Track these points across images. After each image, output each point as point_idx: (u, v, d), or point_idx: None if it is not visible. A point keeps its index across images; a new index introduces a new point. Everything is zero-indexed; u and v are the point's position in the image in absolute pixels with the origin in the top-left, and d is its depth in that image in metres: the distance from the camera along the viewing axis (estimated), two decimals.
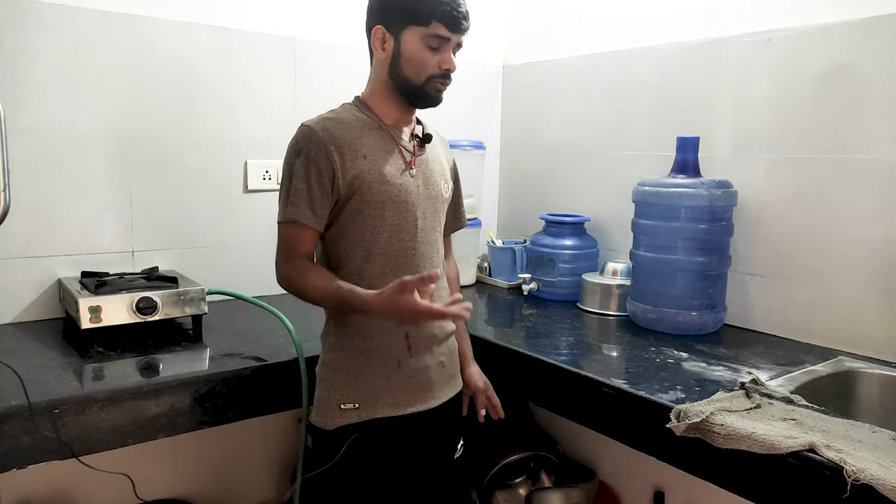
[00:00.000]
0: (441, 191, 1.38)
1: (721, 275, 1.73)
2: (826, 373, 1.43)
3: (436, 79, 1.28)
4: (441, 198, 1.38)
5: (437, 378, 1.37)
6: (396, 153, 1.31)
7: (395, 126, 1.34)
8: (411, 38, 1.26)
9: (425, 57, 1.26)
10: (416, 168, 1.33)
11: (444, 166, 1.42)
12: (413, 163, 1.33)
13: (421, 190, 1.33)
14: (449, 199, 1.42)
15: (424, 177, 1.34)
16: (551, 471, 2.00)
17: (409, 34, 1.26)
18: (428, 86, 1.28)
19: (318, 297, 1.25)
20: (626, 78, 2.06)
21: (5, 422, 1.14)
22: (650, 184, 1.76)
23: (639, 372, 1.41)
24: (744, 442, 1.08)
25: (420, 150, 1.36)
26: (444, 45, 1.26)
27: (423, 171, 1.35)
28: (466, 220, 1.58)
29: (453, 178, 1.49)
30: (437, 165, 1.39)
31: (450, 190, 1.42)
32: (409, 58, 1.27)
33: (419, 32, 1.25)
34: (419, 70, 1.27)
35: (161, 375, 1.35)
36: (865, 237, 1.55)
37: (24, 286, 1.68)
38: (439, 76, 1.27)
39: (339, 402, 1.30)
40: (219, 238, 1.95)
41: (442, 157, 1.43)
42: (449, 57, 1.27)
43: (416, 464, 1.37)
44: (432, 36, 1.25)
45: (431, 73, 1.27)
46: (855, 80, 1.55)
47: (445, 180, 1.40)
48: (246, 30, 1.92)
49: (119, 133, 1.76)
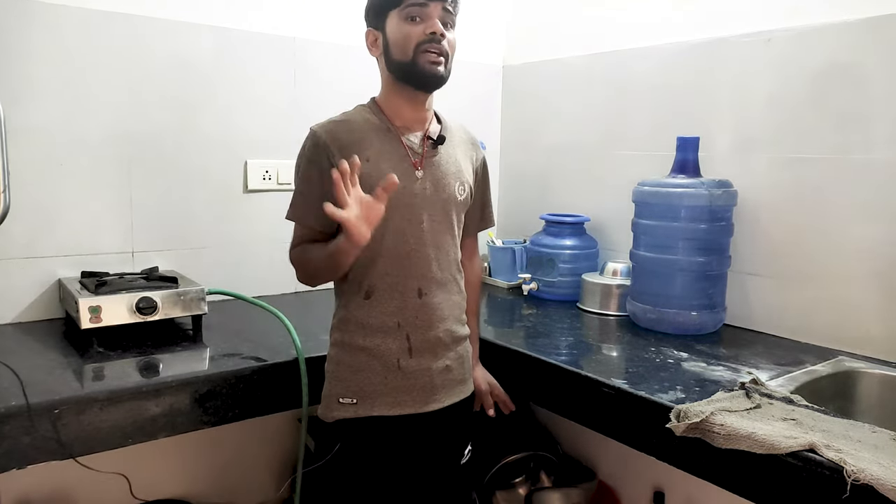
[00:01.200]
0: (454, 192, 1.36)
1: (721, 275, 1.73)
2: (826, 373, 1.43)
3: (423, 46, 1.25)
4: (453, 199, 1.36)
5: (441, 382, 1.36)
6: (402, 155, 1.31)
7: (406, 127, 1.33)
8: (392, 22, 1.27)
9: (407, 30, 1.25)
10: (424, 170, 1.32)
11: (461, 167, 1.39)
12: (419, 164, 1.32)
13: (428, 192, 1.32)
14: (465, 200, 1.39)
15: (434, 178, 1.33)
16: (551, 471, 1.99)
17: (390, 21, 1.27)
18: (419, 59, 1.25)
19: (321, 255, 1.26)
20: (626, 78, 2.06)
21: (5, 422, 1.14)
22: (650, 184, 1.76)
23: (639, 372, 1.41)
24: (744, 442, 1.08)
25: (432, 151, 1.34)
26: (425, 13, 1.25)
27: (433, 172, 1.33)
28: (494, 220, 1.56)
29: (480, 178, 1.47)
30: (451, 167, 1.36)
31: (466, 191, 1.39)
32: (394, 40, 1.27)
33: (397, 13, 1.26)
34: (405, 45, 1.26)
35: (161, 375, 1.35)
36: (865, 237, 1.55)
37: (24, 286, 1.68)
38: (426, 41, 1.25)
39: (338, 396, 1.32)
40: (219, 238, 1.95)
41: (461, 157, 1.40)
42: (433, 22, 1.25)
43: (415, 465, 1.37)
44: (408, 7, 1.24)
45: (418, 41, 1.25)
46: (855, 80, 1.55)
47: (461, 182, 1.37)
48: (246, 30, 1.92)
49: (119, 133, 1.76)
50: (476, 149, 1.47)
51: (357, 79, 2.03)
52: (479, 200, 1.48)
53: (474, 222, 1.49)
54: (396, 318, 1.31)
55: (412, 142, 1.33)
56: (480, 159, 1.47)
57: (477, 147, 1.47)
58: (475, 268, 1.56)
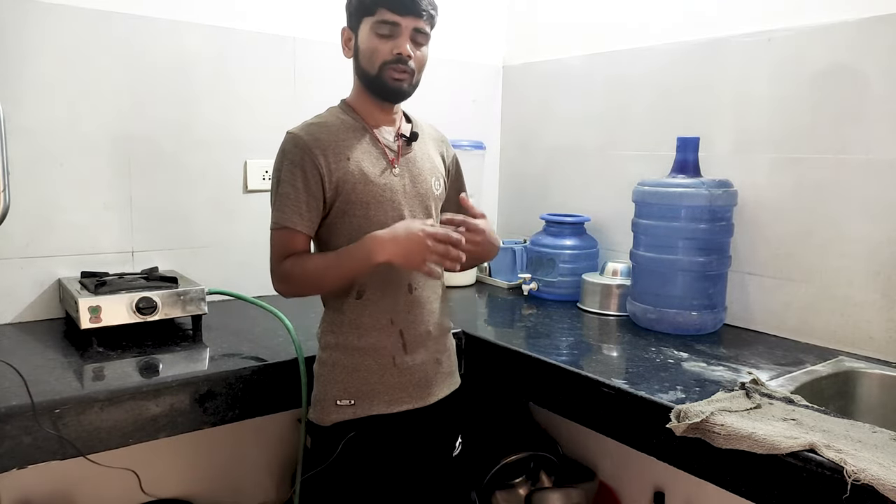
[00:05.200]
0: (431, 188, 1.38)
1: (721, 275, 1.73)
2: (826, 373, 1.43)
3: (389, 65, 1.26)
4: (431, 195, 1.38)
5: (434, 375, 1.37)
6: (379, 153, 1.32)
7: (378, 126, 1.35)
8: (364, 30, 1.28)
9: (375, 44, 1.26)
10: (401, 167, 1.34)
11: (434, 163, 1.41)
12: (396, 161, 1.34)
13: (408, 188, 1.34)
14: (442, 195, 1.42)
15: (411, 175, 1.35)
16: (551, 471, 2.00)
17: (363, 27, 1.28)
18: (383, 75, 1.27)
19: (320, 270, 1.26)
20: (626, 78, 2.06)
21: (6, 421, 1.14)
22: (650, 184, 1.76)
23: (639, 372, 1.41)
24: (744, 442, 1.08)
25: (406, 148, 1.36)
26: (397, 31, 1.25)
27: (410, 169, 1.35)
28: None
29: (454, 174, 1.49)
30: (426, 163, 1.39)
31: (442, 186, 1.42)
32: (363, 50, 1.28)
33: (369, 22, 1.26)
34: (372, 58, 1.27)
35: (161, 375, 1.35)
36: (865, 237, 1.55)
37: (24, 286, 1.68)
38: (392, 62, 1.26)
39: (335, 399, 1.31)
40: (219, 238, 1.95)
41: (434, 154, 1.43)
42: (401, 42, 1.25)
43: (413, 461, 1.38)
44: (381, 22, 1.25)
45: (384, 60, 1.26)
46: (855, 80, 1.55)
47: (437, 177, 1.40)
48: (246, 30, 1.92)
49: (119, 133, 1.76)
50: (446, 145, 1.49)
51: None
52: (455, 195, 1.48)
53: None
54: (389, 315, 1.32)
55: (387, 140, 1.35)
56: (451, 156, 1.49)
57: (447, 144, 1.50)
58: None
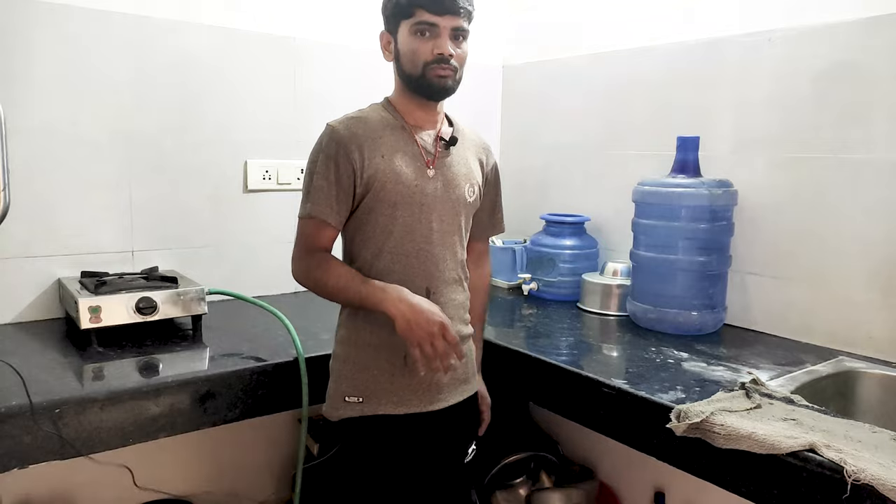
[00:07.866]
0: (464, 194, 1.36)
1: (721, 275, 1.73)
2: (826, 373, 1.43)
3: (432, 65, 1.27)
4: (463, 201, 1.36)
5: (446, 381, 1.36)
6: (415, 154, 1.32)
7: (418, 126, 1.34)
8: (403, 33, 1.28)
9: (416, 46, 1.27)
10: (436, 170, 1.33)
11: (471, 169, 1.40)
12: (432, 164, 1.33)
13: (439, 192, 1.33)
14: (475, 203, 1.40)
15: (445, 179, 1.34)
16: (551, 471, 1.99)
17: (402, 30, 1.28)
18: (428, 74, 1.28)
19: (339, 286, 1.27)
20: (626, 78, 2.06)
21: (6, 421, 1.14)
22: (650, 183, 1.76)
23: (639, 372, 1.41)
24: (744, 442, 1.08)
25: (444, 152, 1.35)
26: (436, 31, 1.26)
27: (445, 173, 1.34)
28: (503, 227, 1.54)
29: (491, 182, 1.47)
30: (462, 168, 1.37)
31: (476, 194, 1.40)
32: (404, 52, 1.29)
33: (408, 25, 1.27)
34: (414, 60, 1.28)
35: (161, 375, 1.35)
36: (865, 237, 1.55)
37: (23, 286, 1.68)
38: (434, 62, 1.27)
39: (344, 394, 1.32)
40: (219, 238, 1.95)
41: (471, 160, 1.41)
42: (442, 42, 1.26)
43: (419, 464, 1.37)
44: (419, 23, 1.26)
45: (426, 60, 1.27)
46: (855, 80, 1.55)
47: (471, 184, 1.38)
48: (246, 30, 1.92)
49: (119, 133, 1.76)
50: (487, 153, 1.47)
51: (357, 79, 2.04)
52: (489, 204, 1.47)
53: (482, 225, 1.48)
54: None
55: (425, 141, 1.34)
56: (492, 164, 1.48)
57: (489, 152, 1.48)
58: (484, 273, 1.54)
